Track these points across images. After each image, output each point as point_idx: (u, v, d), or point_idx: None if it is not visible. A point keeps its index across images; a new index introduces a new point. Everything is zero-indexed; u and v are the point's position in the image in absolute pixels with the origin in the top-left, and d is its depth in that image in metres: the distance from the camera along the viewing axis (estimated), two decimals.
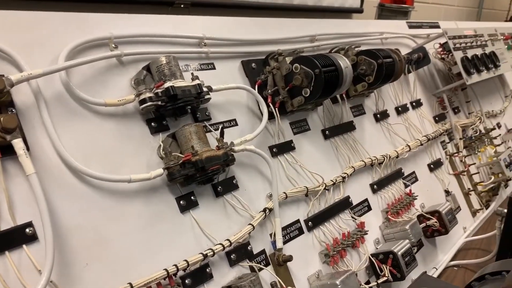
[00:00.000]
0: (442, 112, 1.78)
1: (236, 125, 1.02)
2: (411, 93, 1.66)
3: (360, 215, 1.21)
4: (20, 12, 0.77)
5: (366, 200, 1.26)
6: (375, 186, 1.30)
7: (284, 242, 0.98)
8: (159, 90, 0.82)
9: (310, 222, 1.07)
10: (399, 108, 1.56)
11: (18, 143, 0.65)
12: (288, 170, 1.08)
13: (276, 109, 1.07)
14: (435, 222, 1.32)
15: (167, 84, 0.82)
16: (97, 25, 0.86)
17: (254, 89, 1.06)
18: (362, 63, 1.21)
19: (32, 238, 0.66)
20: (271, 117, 1.06)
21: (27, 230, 0.66)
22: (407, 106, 1.60)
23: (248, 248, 0.92)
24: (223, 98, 1.01)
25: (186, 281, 0.79)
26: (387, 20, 2.24)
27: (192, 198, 0.88)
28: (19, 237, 0.65)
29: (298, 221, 1.05)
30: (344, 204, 1.18)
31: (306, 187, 1.07)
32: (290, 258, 0.94)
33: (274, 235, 0.96)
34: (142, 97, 0.82)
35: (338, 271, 1.05)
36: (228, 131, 0.97)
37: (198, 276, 0.82)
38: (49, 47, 0.78)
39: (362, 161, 1.27)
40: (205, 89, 0.89)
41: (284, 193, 1.02)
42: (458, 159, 1.72)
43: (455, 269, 1.40)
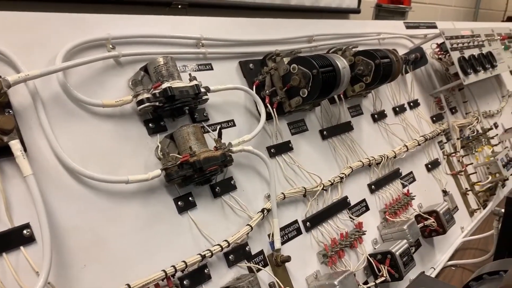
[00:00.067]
0: (439, 112, 1.78)
1: (234, 125, 1.02)
2: (409, 93, 1.66)
3: (358, 215, 1.21)
4: (17, 13, 0.77)
5: (364, 200, 1.26)
6: (373, 186, 1.30)
7: (282, 243, 0.98)
8: (157, 91, 0.82)
9: (308, 223, 1.07)
10: (397, 108, 1.56)
11: (15, 144, 0.65)
12: (286, 171, 1.08)
13: (274, 109, 1.07)
14: (433, 222, 1.32)
15: (165, 85, 0.82)
16: (94, 25, 0.86)
17: (252, 89, 1.05)
18: (360, 64, 1.21)
19: (29, 240, 0.66)
20: (269, 117, 1.06)
21: (25, 231, 0.65)
22: (405, 106, 1.60)
23: (246, 248, 0.92)
24: (221, 98, 1.01)
25: (184, 282, 0.79)
26: (385, 20, 2.24)
27: (190, 199, 0.87)
28: (17, 238, 0.65)
29: (296, 221, 1.05)
30: (342, 204, 1.18)
31: (304, 188, 1.07)
32: (288, 259, 0.94)
33: (272, 236, 0.96)
34: (139, 98, 0.82)
35: (336, 272, 1.05)
36: (226, 132, 0.97)
37: (196, 277, 0.82)
38: (46, 48, 0.77)
39: (360, 161, 1.27)
40: (203, 89, 0.89)
41: (282, 193, 1.02)
42: (455, 159, 1.72)
43: (453, 269, 1.41)
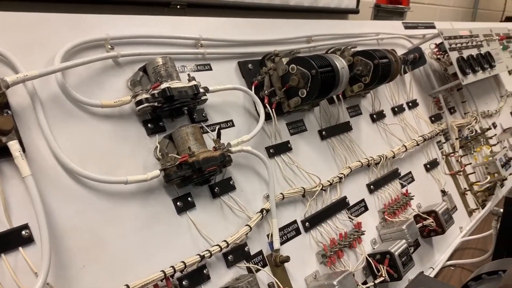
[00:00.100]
0: (438, 112, 1.78)
1: (233, 126, 1.02)
2: (407, 93, 1.66)
3: (357, 216, 1.21)
4: (15, 13, 0.76)
5: (363, 200, 1.26)
6: (372, 186, 1.30)
7: (281, 243, 0.98)
8: (156, 91, 0.82)
9: (307, 223, 1.07)
10: (395, 108, 1.56)
11: (14, 145, 0.65)
12: (285, 171, 1.08)
13: (272, 109, 1.07)
14: (432, 222, 1.32)
15: (164, 85, 0.82)
16: (93, 26, 0.86)
17: (251, 90, 1.06)
18: (358, 64, 1.21)
19: (28, 240, 0.65)
20: (268, 118, 1.06)
21: (23, 232, 0.65)
22: (403, 106, 1.60)
23: (245, 249, 0.92)
24: (220, 99, 1.01)
25: (183, 282, 0.79)
26: (383, 20, 2.24)
27: (189, 199, 0.87)
28: (15, 239, 0.64)
29: (295, 221, 1.05)
30: (341, 204, 1.18)
31: (303, 188, 1.07)
32: (287, 259, 0.94)
33: (271, 236, 0.96)
34: (138, 98, 0.82)
35: (335, 272, 1.05)
36: (225, 132, 0.97)
37: (195, 277, 0.81)
38: (45, 49, 0.77)
39: (359, 161, 1.27)
40: (201, 90, 0.89)
41: (281, 193, 1.02)
42: (454, 159, 1.72)
43: (452, 268, 1.41)
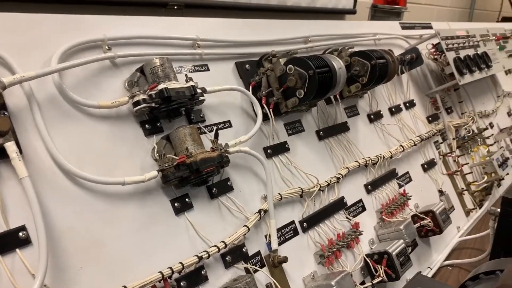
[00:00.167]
0: (435, 112, 1.79)
1: (230, 126, 1.02)
2: (404, 93, 1.66)
3: (354, 216, 1.21)
4: (12, 14, 0.76)
5: (361, 200, 1.27)
6: (369, 186, 1.30)
7: (279, 244, 0.97)
8: (153, 92, 0.82)
9: (305, 223, 1.07)
10: (393, 108, 1.56)
11: (10, 146, 0.65)
12: (282, 171, 1.08)
13: (270, 110, 1.07)
14: (429, 222, 1.33)
15: (161, 86, 0.82)
16: (90, 27, 0.86)
17: (248, 90, 1.05)
18: (356, 64, 1.22)
19: (25, 242, 0.65)
20: (266, 118, 1.06)
21: (20, 234, 0.65)
22: (401, 106, 1.61)
23: (243, 249, 0.92)
24: (217, 99, 1.01)
25: (181, 283, 0.79)
26: (380, 21, 2.24)
27: (186, 200, 0.87)
28: (12, 241, 0.64)
29: (293, 222, 1.05)
30: (338, 204, 1.18)
31: (301, 188, 1.07)
32: (285, 260, 0.94)
33: (269, 237, 0.96)
34: (135, 99, 0.82)
35: (333, 272, 1.05)
36: (222, 133, 0.97)
37: (193, 278, 0.81)
38: (42, 49, 0.77)
39: (356, 161, 1.27)
40: (199, 90, 0.89)
41: (279, 194, 1.02)
42: (451, 159, 1.73)
43: (449, 268, 1.41)
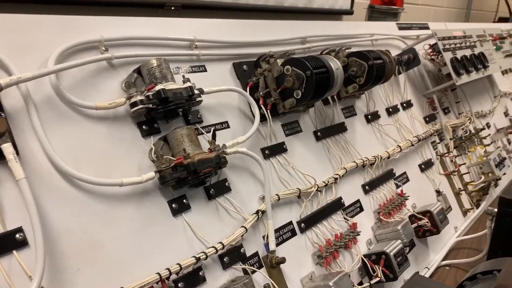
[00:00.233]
0: (432, 112, 1.79)
1: (228, 127, 1.02)
2: (402, 94, 1.67)
3: (352, 216, 1.22)
4: (8, 15, 0.76)
5: (358, 201, 1.27)
6: (367, 187, 1.31)
7: (277, 244, 0.97)
8: (150, 93, 0.82)
9: (302, 224, 1.07)
10: (390, 109, 1.56)
11: (7, 148, 0.65)
12: (280, 172, 1.08)
13: (267, 111, 1.07)
14: (427, 222, 1.33)
15: (158, 87, 0.82)
16: (87, 28, 0.85)
17: (246, 91, 1.05)
18: (353, 65, 1.22)
19: (22, 244, 0.65)
20: (263, 119, 1.06)
21: (17, 235, 0.65)
22: (398, 107, 1.61)
23: (241, 250, 0.91)
24: (215, 100, 1.01)
25: (179, 284, 0.79)
26: (377, 21, 2.25)
27: (184, 201, 0.87)
28: (9, 242, 0.64)
29: (290, 222, 1.05)
30: (336, 205, 1.18)
31: (299, 189, 1.07)
32: (283, 260, 0.94)
33: (267, 237, 0.96)
34: (133, 100, 0.82)
35: (331, 272, 1.05)
36: (220, 134, 0.97)
37: (191, 279, 0.81)
38: (38, 50, 0.77)
39: (354, 162, 1.27)
40: (196, 91, 0.89)
41: (276, 195, 1.02)
42: (448, 159, 1.73)
43: (447, 268, 1.41)
